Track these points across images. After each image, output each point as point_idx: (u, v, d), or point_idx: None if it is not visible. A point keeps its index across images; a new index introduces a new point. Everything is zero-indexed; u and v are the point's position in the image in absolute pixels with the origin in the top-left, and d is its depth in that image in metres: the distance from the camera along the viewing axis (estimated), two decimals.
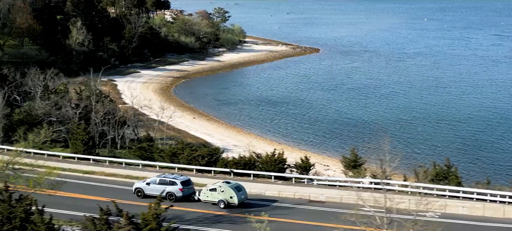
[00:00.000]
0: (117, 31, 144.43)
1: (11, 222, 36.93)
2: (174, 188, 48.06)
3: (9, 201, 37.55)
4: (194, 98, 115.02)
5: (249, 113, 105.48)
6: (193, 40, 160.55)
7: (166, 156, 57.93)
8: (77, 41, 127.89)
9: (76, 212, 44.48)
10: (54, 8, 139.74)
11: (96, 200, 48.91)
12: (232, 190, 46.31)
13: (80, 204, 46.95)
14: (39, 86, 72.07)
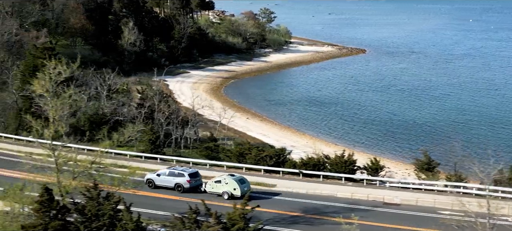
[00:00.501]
0: (166, 32, 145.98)
1: (100, 220, 37.82)
2: (182, 180, 50.58)
3: (97, 199, 38.46)
4: (244, 98, 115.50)
5: (300, 114, 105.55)
6: (240, 40, 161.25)
7: (233, 156, 58.38)
8: (129, 42, 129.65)
9: (154, 211, 45.32)
10: (105, 8, 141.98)
11: (170, 199, 49.88)
12: (236, 182, 48.77)
13: (157, 203, 47.74)
14: (104, 86, 73.36)
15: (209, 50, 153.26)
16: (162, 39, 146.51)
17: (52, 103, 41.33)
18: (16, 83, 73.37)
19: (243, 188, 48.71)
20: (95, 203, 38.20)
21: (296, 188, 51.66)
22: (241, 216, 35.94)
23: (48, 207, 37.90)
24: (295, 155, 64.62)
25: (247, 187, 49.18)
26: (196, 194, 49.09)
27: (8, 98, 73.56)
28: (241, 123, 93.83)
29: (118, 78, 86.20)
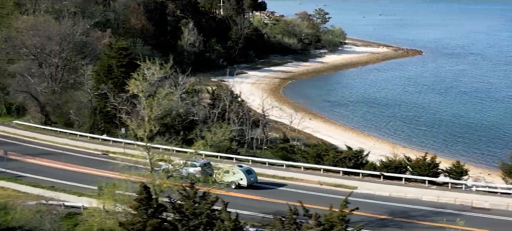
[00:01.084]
0: (223, 33, 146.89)
1: (197, 218, 38.26)
2: (194, 170, 52.18)
3: (193, 198, 38.93)
4: (304, 99, 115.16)
5: (362, 115, 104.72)
6: (296, 41, 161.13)
7: (310, 157, 58.31)
8: (188, 42, 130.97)
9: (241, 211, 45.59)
10: (164, 9, 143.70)
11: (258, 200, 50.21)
12: (243, 173, 52.07)
13: (241, 203, 48.06)
14: (177, 86, 74.28)
15: (265, 51, 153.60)
16: (219, 40, 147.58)
17: (147, 103, 41.88)
18: (91, 82, 74.83)
19: (250, 178, 51.84)
20: (191, 202, 38.68)
21: (378, 190, 51.28)
22: (340, 218, 35.84)
23: (147, 205, 38.59)
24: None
25: (253, 177, 52.42)
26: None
27: (83, 97, 75.09)
28: (304, 123, 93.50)
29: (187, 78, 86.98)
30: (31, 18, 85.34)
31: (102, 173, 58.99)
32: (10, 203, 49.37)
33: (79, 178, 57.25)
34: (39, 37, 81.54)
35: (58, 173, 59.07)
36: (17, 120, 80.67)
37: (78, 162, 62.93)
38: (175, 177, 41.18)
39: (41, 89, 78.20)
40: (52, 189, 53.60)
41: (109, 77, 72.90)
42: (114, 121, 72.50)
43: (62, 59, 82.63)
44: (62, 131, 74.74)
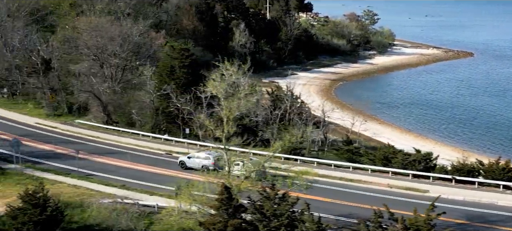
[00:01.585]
0: (272, 34, 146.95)
1: (278, 219, 38.35)
2: (207, 162, 57.13)
3: (274, 199, 39.03)
4: (356, 101, 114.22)
5: (417, 117, 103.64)
6: (345, 42, 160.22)
7: (377, 160, 57.84)
8: (239, 43, 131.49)
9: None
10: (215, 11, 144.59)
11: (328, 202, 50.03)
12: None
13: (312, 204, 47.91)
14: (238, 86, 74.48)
15: (314, 52, 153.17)
16: (268, 41, 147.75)
17: (226, 104, 42.09)
18: (152, 83, 75.69)
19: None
20: (272, 203, 38.80)
21: (451, 194, 50.50)
22: (426, 223, 35.42)
23: (227, 205, 38.86)
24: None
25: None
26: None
27: (144, 97, 76.02)
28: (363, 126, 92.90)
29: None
30: (94, 19, 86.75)
31: (169, 172, 59.89)
32: (85, 201, 50.29)
33: (147, 177, 57.94)
34: (101, 38, 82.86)
35: (126, 172, 59.90)
36: (79, 119, 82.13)
37: (143, 161, 63.68)
38: (253, 178, 41.17)
39: (103, 89, 79.48)
40: (123, 188, 54.42)
41: (171, 78, 73.71)
42: (176, 121, 73.34)
43: (122, 60, 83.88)
44: (124, 131, 75.80)
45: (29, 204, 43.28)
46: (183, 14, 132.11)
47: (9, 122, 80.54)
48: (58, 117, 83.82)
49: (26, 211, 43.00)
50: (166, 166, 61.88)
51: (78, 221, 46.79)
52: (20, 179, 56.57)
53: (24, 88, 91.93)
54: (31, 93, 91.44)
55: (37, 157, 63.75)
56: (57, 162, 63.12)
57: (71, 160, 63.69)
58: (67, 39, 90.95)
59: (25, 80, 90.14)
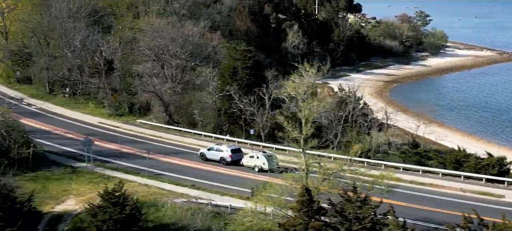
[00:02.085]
0: (324, 35, 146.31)
1: (361, 223, 38.04)
2: (225, 154, 61.36)
3: (355, 202, 38.73)
4: (413, 103, 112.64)
5: (477, 120, 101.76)
6: (397, 43, 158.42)
7: (448, 163, 56.90)
8: (292, 44, 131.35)
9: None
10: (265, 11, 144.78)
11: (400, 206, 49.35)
12: (265, 158, 58.42)
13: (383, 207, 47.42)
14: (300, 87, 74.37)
15: (366, 53, 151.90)
16: (320, 42, 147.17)
17: (304, 105, 41.97)
18: (215, 84, 76.17)
19: (271, 163, 57.67)
20: (354, 206, 38.50)
21: None
22: None
23: (308, 207, 38.74)
24: None
25: (274, 163, 57.84)
26: (237, 166, 60.65)
27: (206, 98, 76.54)
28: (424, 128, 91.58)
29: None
30: (155, 20, 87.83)
31: (236, 173, 60.15)
32: (158, 200, 50.89)
33: (215, 178, 58.29)
34: (162, 39, 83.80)
35: (193, 171, 60.40)
36: (141, 119, 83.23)
37: (210, 161, 63.97)
38: (331, 181, 40.94)
39: (164, 89, 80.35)
40: (194, 188, 54.88)
41: (233, 79, 74.01)
42: (238, 122, 73.64)
43: (182, 61, 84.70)
44: (186, 131, 76.45)
45: (109, 202, 44.04)
46: (236, 15, 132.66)
47: (73, 122, 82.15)
48: (120, 116, 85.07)
49: (106, 209, 43.77)
50: (232, 167, 62.05)
51: (153, 220, 47.38)
52: (91, 178, 57.68)
53: (85, 88, 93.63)
54: (92, 93, 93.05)
55: (104, 156, 64.81)
56: (124, 161, 64.09)
57: (138, 159, 64.68)
58: (129, 40, 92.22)
59: (85, 80, 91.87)
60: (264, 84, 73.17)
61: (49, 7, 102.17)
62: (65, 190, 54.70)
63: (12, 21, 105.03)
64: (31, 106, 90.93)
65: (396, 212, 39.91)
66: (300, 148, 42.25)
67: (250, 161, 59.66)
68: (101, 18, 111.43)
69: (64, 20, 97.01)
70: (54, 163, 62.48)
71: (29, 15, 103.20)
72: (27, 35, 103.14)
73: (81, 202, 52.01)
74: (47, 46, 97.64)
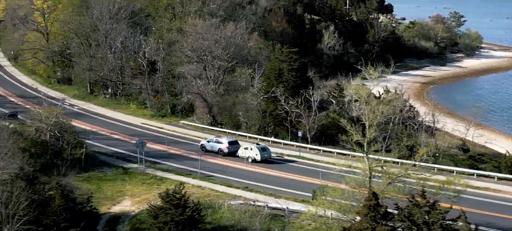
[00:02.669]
0: (359, 35, 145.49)
1: (430, 229, 37.61)
2: (223, 146, 65.33)
3: (424, 207, 38.28)
4: (453, 105, 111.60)
5: None
6: (432, 44, 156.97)
7: (503, 167, 56.13)
8: (328, 45, 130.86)
9: None
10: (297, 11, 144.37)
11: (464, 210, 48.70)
12: (258, 150, 62.83)
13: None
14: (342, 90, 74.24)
15: (401, 54, 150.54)
16: (354, 43, 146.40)
17: (369, 108, 41.64)
18: (260, 85, 76.11)
19: (264, 154, 62.67)
20: (422, 211, 38.08)
21: None
22: None
23: (375, 211, 38.40)
24: None
25: (267, 154, 63.21)
26: (233, 157, 64.43)
27: (251, 100, 76.51)
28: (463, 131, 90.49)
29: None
30: (199, 21, 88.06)
31: (287, 175, 60.02)
32: (214, 202, 50.97)
33: (264, 179, 58.16)
34: (205, 40, 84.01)
35: (243, 173, 60.35)
36: (184, 120, 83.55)
37: (258, 163, 63.82)
38: (396, 186, 40.54)
39: (208, 91, 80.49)
40: (247, 190, 54.85)
41: (279, 81, 73.89)
42: (284, 123, 73.47)
43: (224, 62, 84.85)
44: (231, 132, 76.47)
45: (170, 204, 44.16)
46: (272, 16, 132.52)
47: (117, 122, 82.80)
48: (162, 117, 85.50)
49: (167, 211, 43.89)
50: (282, 169, 61.93)
51: (211, 221, 47.42)
52: (144, 179, 57.98)
53: (126, 88, 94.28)
54: (133, 93, 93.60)
55: (153, 157, 65.06)
56: (173, 162, 64.35)
57: (186, 160, 65.00)
58: (172, 41, 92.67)
59: (127, 81, 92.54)
60: (310, 85, 72.91)
61: (89, 8, 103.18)
62: (120, 191, 55.08)
63: (53, 22, 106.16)
64: (74, 107, 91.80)
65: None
66: (363, 152, 41.84)
67: (244, 152, 63.77)
68: (140, 19, 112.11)
69: (106, 21, 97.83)
70: (104, 163, 62.98)
71: (70, 16, 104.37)
72: (68, 36, 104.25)
73: (136, 203, 52.39)
74: (89, 48, 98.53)
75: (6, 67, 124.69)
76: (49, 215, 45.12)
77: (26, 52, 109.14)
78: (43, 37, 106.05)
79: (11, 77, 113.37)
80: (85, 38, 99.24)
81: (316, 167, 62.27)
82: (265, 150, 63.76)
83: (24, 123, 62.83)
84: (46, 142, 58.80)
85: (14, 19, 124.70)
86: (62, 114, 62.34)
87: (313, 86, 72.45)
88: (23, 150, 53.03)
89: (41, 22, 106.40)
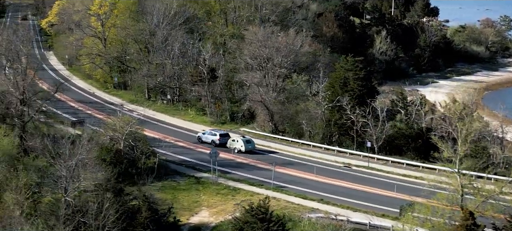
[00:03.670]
0: (410, 40, 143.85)
1: None
2: (215, 137, 73.07)
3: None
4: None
5: None
6: (483, 49, 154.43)
7: None
8: (380, 50, 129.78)
9: None
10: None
11: None
12: (243, 142, 70.62)
13: None
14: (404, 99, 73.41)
15: (451, 59, 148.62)
16: (404, 47, 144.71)
17: (461, 124, 40.99)
18: (325, 94, 75.73)
19: (248, 146, 70.09)
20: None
21: None
22: None
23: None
24: None
25: (251, 146, 70.64)
26: (224, 148, 70.37)
27: (315, 108, 76.17)
28: None
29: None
30: (260, 29, 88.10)
31: (356, 186, 59.58)
32: (292, 214, 50.88)
33: (339, 191, 57.83)
34: (266, 48, 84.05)
35: (315, 184, 60.11)
36: (244, 127, 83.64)
37: (327, 173, 63.64)
38: (492, 205, 39.76)
39: (269, 98, 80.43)
40: (322, 202, 54.64)
41: (344, 90, 73.45)
42: (349, 133, 73.00)
43: (284, 70, 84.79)
44: (294, 141, 76.28)
45: (255, 218, 44.19)
46: (323, 21, 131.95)
47: (178, 129, 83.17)
48: (222, 124, 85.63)
49: (253, 225, 43.93)
50: (355, 180, 61.22)
51: None
52: (218, 189, 58.20)
53: (184, 94, 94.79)
54: (191, 100, 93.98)
55: (221, 165, 64.90)
56: (241, 171, 64.47)
57: (254, 169, 65.14)
58: (233, 49, 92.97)
59: (184, 87, 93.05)
60: (376, 94, 72.33)
61: (146, 14, 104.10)
62: (196, 201, 55.43)
63: (110, 28, 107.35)
64: (133, 113, 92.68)
65: None
66: (454, 168, 41.24)
67: (232, 144, 71.26)
68: (195, 25, 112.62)
69: (163, 27, 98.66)
70: (176, 172, 63.44)
71: (127, 22, 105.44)
72: (125, 41, 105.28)
73: (214, 214, 52.66)
74: (147, 54, 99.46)
75: (61, 71, 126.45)
76: (136, 226, 45.75)
77: (84, 58, 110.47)
78: (101, 42, 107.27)
79: (67, 82, 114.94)
80: (144, 45, 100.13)
81: (388, 179, 61.76)
82: (250, 142, 71.13)
83: (96, 131, 63.49)
84: (120, 151, 59.45)
85: (70, 24, 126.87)
86: (136, 124, 62.72)
87: (377, 95, 71.78)
88: (102, 160, 53.62)
89: (98, 27, 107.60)
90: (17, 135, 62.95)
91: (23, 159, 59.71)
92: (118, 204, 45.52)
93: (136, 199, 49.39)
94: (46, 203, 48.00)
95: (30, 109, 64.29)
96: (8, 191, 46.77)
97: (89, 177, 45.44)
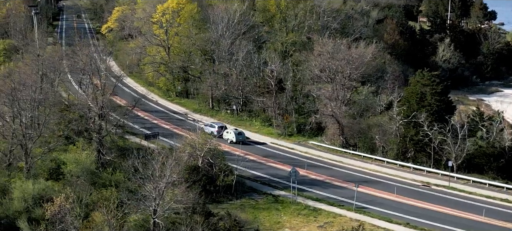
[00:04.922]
0: (472, 47, 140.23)
1: None
2: (214, 129, 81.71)
3: None
4: None
5: None
6: None
7: None
8: (443, 58, 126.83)
9: None
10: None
11: None
12: (234, 133, 79.85)
13: None
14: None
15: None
16: (466, 55, 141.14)
17: None
18: (400, 109, 73.96)
19: (238, 137, 79.11)
20: None
21: None
22: None
23: None
24: None
25: (241, 137, 79.52)
26: (221, 139, 77.65)
27: (389, 123, 74.46)
28: None
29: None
30: (330, 42, 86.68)
31: (441, 208, 57.66)
32: None
33: (424, 214, 56.00)
34: (335, 60, 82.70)
35: (395, 205, 58.48)
36: (311, 140, 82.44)
37: (407, 194, 61.89)
38: None
39: (340, 112, 79.03)
40: (409, 226, 53.11)
41: (421, 105, 71.54)
42: (425, 150, 71.08)
43: (355, 82, 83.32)
44: (366, 156, 74.70)
45: None
46: (384, 28, 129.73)
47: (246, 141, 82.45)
48: (289, 136, 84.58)
49: None
50: (439, 202, 59.27)
51: None
52: (298, 209, 57.22)
53: (250, 105, 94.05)
54: (256, 111, 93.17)
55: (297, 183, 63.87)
56: (318, 189, 63.36)
57: (331, 187, 63.96)
58: (300, 61, 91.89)
59: (249, 97, 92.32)
60: (455, 110, 70.25)
61: (210, 23, 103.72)
62: (278, 222, 54.55)
63: (173, 36, 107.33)
64: (198, 123, 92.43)
65: None
66: None
67: (226, 135, 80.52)
68: (257, 34, 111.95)
69: (228, 36, 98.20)
70: (252, 189, 62.69)
71: (190, 31, 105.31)
72: (188, 50, 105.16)
73: None
74: (212, 63, 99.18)
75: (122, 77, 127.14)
76: None
77: (148, 66, 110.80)
78: (164, 50, 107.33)
79: (130, 89, 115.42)
80: (210, 54, 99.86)
81: (473, 201, 59.75)
82: (241, 134, 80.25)
83: (174, 148, 63.08)
84: (199, 168, 58.99)
85: (131, 30, 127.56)
86: (215, 142, 62.17)
87: (454, 110, 69.70)
88: (185, 180, 53.17)
89: (161, 35, 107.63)
90: (95, 149, 63.25)
91: (102, 173, 60.06)
92: (208, 228, 45.06)
93: (222, 220, 48.89)
94: (134, 223, 47.88)
95: (108, 124, 64.45)
96: (97, 209, 46.66)
97: (180, 199, 45.01)
